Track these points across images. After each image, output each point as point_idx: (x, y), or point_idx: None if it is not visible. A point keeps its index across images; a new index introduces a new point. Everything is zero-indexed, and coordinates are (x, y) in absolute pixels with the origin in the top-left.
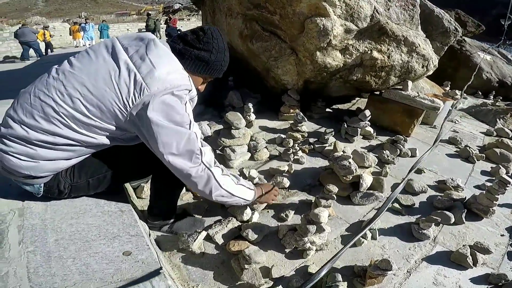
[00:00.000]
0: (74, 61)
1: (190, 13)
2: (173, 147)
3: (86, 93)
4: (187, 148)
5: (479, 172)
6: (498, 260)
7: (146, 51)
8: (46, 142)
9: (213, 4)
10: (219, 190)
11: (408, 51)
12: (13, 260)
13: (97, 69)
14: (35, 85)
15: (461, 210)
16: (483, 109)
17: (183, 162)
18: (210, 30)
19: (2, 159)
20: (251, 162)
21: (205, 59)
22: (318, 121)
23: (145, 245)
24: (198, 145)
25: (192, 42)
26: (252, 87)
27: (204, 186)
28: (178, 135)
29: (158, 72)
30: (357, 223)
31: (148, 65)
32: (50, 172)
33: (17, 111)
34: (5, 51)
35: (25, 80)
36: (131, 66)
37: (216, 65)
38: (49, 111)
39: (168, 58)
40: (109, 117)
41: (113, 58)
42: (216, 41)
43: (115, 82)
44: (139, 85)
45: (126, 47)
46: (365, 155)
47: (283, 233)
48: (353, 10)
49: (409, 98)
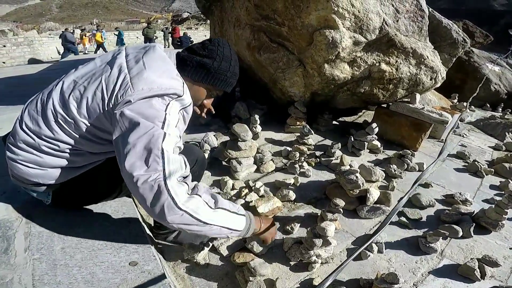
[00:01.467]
0: (81, 68)
1: (198, 22)
2: (130, 143)
3: (77, 95)
4: (146, 145)
5: (488, 186)
6: (506, 273)
7: (143, 55)
8: (52, 149)
9: (222, 14)
10: (178, 213)
11: (416, 63)
12: (19, 267)
13: (94, 73)
14: (43, 92)
15: (469, 224)
16: (491, 122)
17: (134, 165)
18: (217, 40)
19: (11, 167)
20: (257, 174)
21: (206, 66)
22: (324, 134)
23: (151, 256)
24: (162, 146)
25: (196, 49)
26: (258, 98)
27: (151, 203)
28: (140, 129)
29: (147, 73)
30: (363, 236)
31: (140, 67)
32: (59, 180)
33: (24, 119)
34: (19, 55)
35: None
36: (123, 67)
37: (219, 74)
38: (50, 116)
39: (163, 62)
40: (96, 120)
41: (111, 62)
42: (221, 49)
43: (104, 82)
44: (125, 85)
45: (127, 54)
46: (372, 170)
47: (288, 246)
48: (362, 22)
49: (417, 111)
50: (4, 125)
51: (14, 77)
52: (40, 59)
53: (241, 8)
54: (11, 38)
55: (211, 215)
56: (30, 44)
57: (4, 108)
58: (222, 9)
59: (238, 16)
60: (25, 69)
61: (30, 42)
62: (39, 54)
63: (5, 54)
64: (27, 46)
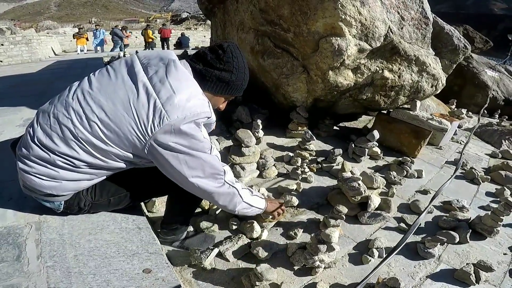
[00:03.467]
0: (94, 80)
1: (197, 22)
2: (199, 172)
3: (104, 117)
4: (212, 171)
5: (484, 193)
6: (500, 277)
7: (166, 74)
8: (67, 164)
9: (225, 17)
10: (241, 203)
11: (418, 70)
12: (33, 274)
13: (115, 90)
14: (55, 104)
15: (466, 230)
16: (488, 129)
17: (208, 184)
18: (230, 48)
19: (23, 179)
20: (260, 179)
21: (226, 79)
22: (326, 140)
23: (164, 263)
24: (220, 167)
25: (212, 62)
26: (259, 102)
27: (229, 202)
28: (202, 161)
29: (178, 99)
30: (364, 242)
31: (168, 90)
32: (72, 191)
33: (36, 132)
34: (16, 54)
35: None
36: (150, 90)
37: (237, 85)
38: (68, 135)
39: (188, 82)
40: (127, 144)
41: (131, 79)
42: (236, 59)
43: (133, 107)
44: (159, 113)
45: (146, 66)
46: (373, 177)
47: (292, 251)
48: (368, 30)
49: (417, 118)
50: (5, 128)
51: (12, 76)
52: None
53: (246, 12)
54: (9, 36)
55: (253, 201)
56: (28, 43)
57: (4, 110)
58: (225, 12)
59: (242, 19)
60: (23, 68)
61: (28, 41)
62: (37, 53)
63: (2, 53)
64: (25, 45)
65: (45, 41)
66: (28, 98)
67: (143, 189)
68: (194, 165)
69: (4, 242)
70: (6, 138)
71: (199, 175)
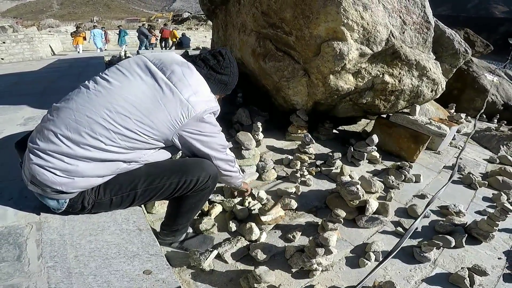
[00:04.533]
0: (110, 78)
1: (198, 22)
2: (219, 147)
3: (135, 112)
4: (223, 143)
5: (481, 198)
6: (493, 281)
7: (184, 75)
8: (89, 158)
9: (226, 19)
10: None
11: (419, 75)
12: (33, 274)
13: (138, 87)
14: (75, 100)
15: (462, 234)
16: (487, 134)
17: (222, 155)
18: (227, 56)
19: (34, 173)
20: (259, 182)
21: (225, 82)
22: (325, 143)
23: (164, 265)
24: (226, 142)
25: (215, 67)
26: (259, 104)
27: (230, 163)
28: (220, 138)
29: (199, 96)
30: (361, 245)
31: (189, 89)
32: (81, 189)
33: (59, 126)
34: (18, 52)
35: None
36: (173, 87)
37: (231, 86)
38: (97, 128)
39: (202, 84)
40: (158, 134)
41: (152, 77)
42: (232, 65)
43: (161, 102)
44: (186, 107)
45: (161, 68)
46: (372, 182)
47: (290, 254)
48: (370, 34)
49: (416, 123)
50: (6, 127)
51: (13, 74)
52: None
53: (248, 14)
54: (11, 34)
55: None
56: (29, 41)
57: (5, 108)
58: (227, 14)
59: (244, 22)
60: (25, 66)
61: (30, 39)
62: (38, 52)
63: (4, 50)
64: (27, 43)
65: (47, 39)
66: (29, 96)
67: (146, 190)
68: (217, 143)
69: (4, 242)
70: (7, 137)
71: (219, 149)
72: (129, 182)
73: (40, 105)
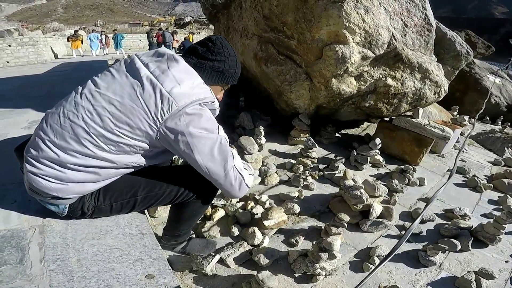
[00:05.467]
0: (99, 80)
1: (200, 26)
2: (209, 153)
3: (114, 111)
4: (221, 152)
5: (486, 201)
6: (501, 285)
7: (168, 66)
8: (76, 164)
9: (228, 23)
10: (246, 190)
11: (421, 77)
12: (35, 277)
13: (121, 85)
14: (63, 105)
15: (468, 238)
16: (491, 136)
17: (219, 168)
18: (219, 40)
19: (30, 180)
20: (261, 186)
21: (220, 69)
22: (327, 147)
23: (167, 269)
24: (229, 148)
25: (204, 54)
26: (261, 108)
27: (238, 191)
28: (212, 141)
29: (183, 87)
30: (365, 249)
31: (172, 80)
32: (77, 194)
33: (47, 133)
34: (23, 55)
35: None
36: (154, 81)
37: (231, 73)
38: (80, 132)
39: (189, 73)
40: (139, 134)
41: (135, 74)
42: (226, 49)
43: (140, 98)
44: (167, 100)
45: (146, 63)
46: (376, 186)
47: (293, 258)
48: (372, 37)
49: (419, 126)
50: (11, 130)
51: (19, 77)
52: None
53: (249, 18)
54: (16, 38)
55: (251, 181)
56: (34, 45)
57: (10, 111)
58: (229, 18)
59: (245, 26)
60: (29, 69)
61: (35, 43)
62: (43, 55)
63: (10, 53)
64: (32, 46)
65: (51, 43)
66: (34, 99)
67: (146, 196)
68: (204, 147)
69: (7, 245)
70: (11, 140)
71: (209, 158)
72: (129, 189)
73: (44, 109)
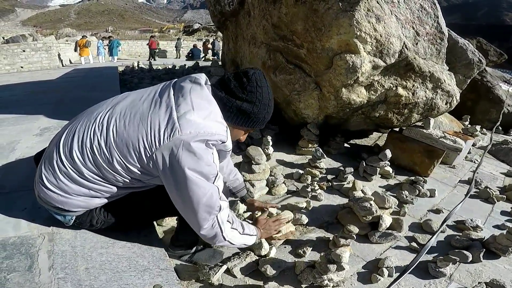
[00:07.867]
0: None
1: (208, 33)
2: (194, 201)
3: (121, 126)
4: (207, 203)
5: (499, 212)
6: None
7: (190, 90)
8: (80, 177)
9: (237, 30)
10: (223, 242)
11: (433, 87)
12: (44, 285)
13: (142, 103)
14: (81, 121)
15: (479, 249)
16: (504, 147)
17: (198, 217)
18: (255, 76)
19: (38, 189)
20: (269, 196)
21: (247, 111)
22: (336, 157)
23: (175, 280)
24: (217, 201)
25: (235, 90)
26: None
27: (211, 239)
28: (202, 190)
29: (195, 115)
30: (374, 261)
31: (187, 105)
32: (82, 209)
33: (59, 145)
34: (37, 61)
35: None
36: (171, 102)
37: (259, 118)
38: (86, 143)
39: (209, 102)
40: (133, 157)
41: (160, 93)
42: (260, 90)
43: (150, 116)
44: (172, 124)
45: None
46: (386, 197)
47: (300, 269)
48: (383, 46)
49: (430, 137)
50: (22, 137)
51: (32, 83)
52: (56, 65)
53: (258, 26)
54: (30, 43)
55: (240, 240)
56: (48, 50)
57: (22, 118)
58: (237, 25)
59: (254, 34)
60: (42, 74)
61: (48, 48)
62: (55, 60)
63: (24, 59)
64: (45, 51)
65: (64, 48)
66: (46, 106)
67: (155, 209)
68: (191, 193)
69: (16, 252)
70: (23, 147)
71: (192, 206)
72: (137, 204)
73: (55, 116)
